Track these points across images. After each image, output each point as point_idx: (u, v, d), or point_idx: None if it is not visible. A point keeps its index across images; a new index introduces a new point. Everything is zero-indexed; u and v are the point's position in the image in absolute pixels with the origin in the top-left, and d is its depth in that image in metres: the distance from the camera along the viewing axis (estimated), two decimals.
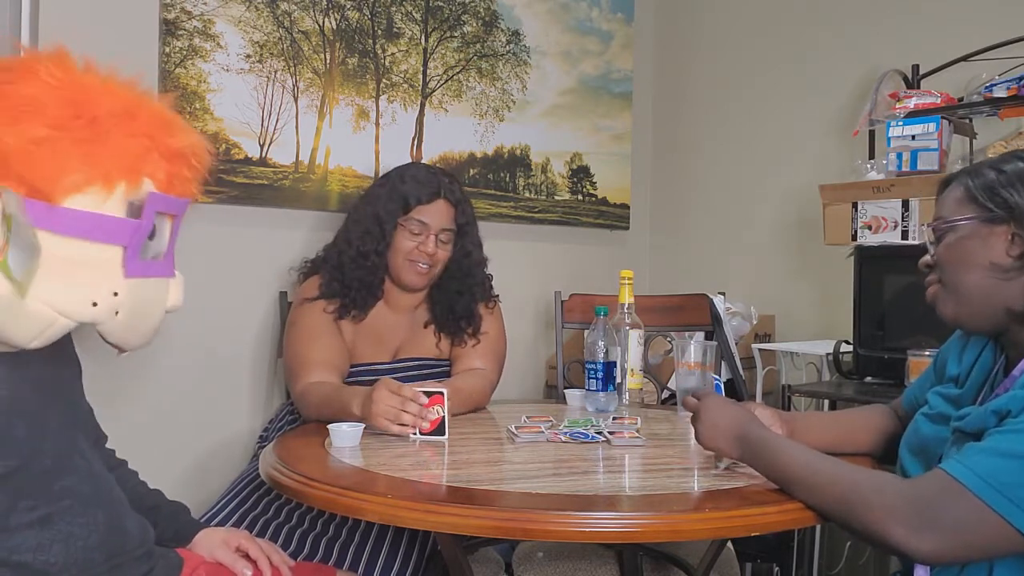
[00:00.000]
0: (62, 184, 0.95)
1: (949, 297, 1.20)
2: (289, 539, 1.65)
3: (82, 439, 1.14)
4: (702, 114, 3.18)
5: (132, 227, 1.00)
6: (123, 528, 1.13)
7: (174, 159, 1.04)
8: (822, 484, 1.12)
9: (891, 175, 2.28)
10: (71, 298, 0.97)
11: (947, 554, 1.02)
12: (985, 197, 1.16)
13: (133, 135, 1.00)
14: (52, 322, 0.96)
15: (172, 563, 1.22)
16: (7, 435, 1.01)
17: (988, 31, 2.32)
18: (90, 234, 0.97)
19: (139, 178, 1.00)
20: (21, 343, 0.97)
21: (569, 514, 1.11)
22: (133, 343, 1.07)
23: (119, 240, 1.00)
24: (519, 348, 2.71)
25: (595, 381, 1.84)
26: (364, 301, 1.95)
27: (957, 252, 1.18)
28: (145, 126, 1.01)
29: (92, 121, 0.97)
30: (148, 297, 1.06)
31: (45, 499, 1.04)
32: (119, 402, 2.00)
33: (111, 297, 0.99)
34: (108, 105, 0.99)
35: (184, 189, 1.07)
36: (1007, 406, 1.06)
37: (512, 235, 2.79)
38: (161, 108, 1.06)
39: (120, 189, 0.99)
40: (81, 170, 0.95)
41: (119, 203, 0.99)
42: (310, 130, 2.30)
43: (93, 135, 0.96)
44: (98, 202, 0.97)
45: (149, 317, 1.08)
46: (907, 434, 1.30)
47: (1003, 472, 1.00)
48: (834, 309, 2.65)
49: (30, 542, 1.01)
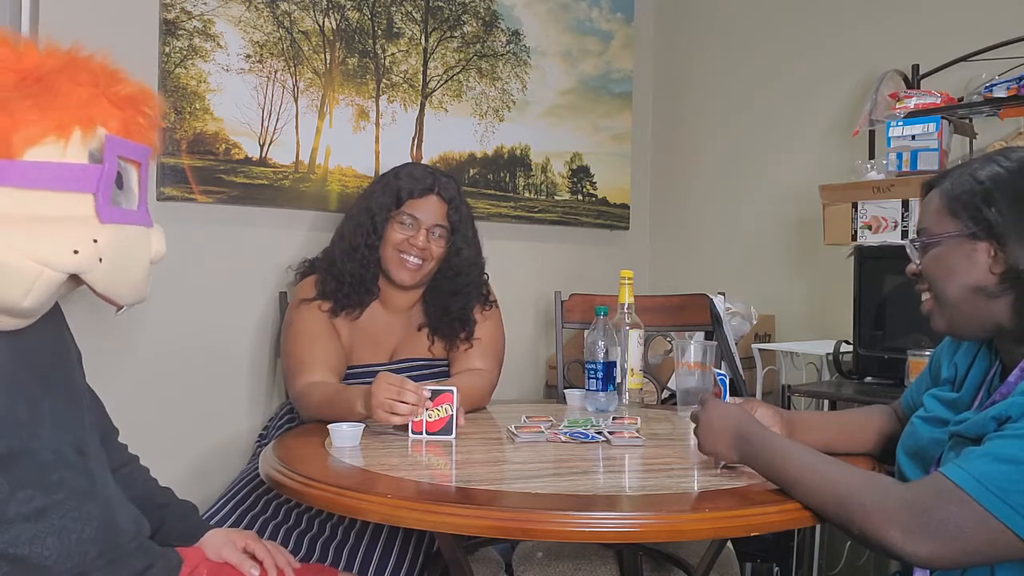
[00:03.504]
0: (18, 137, 0.97)
1: (942, 311, 1.20)
2: (287, 539, 1.65)
3: (80, 432, 1.14)
4: (702, 114, 3.18)
5: (96, 172, 1.02)
6: (116, 523, 1.13)
7: (124, 106, 1.07)
8: (820, 485, 1.12)
9: (891, 175, 2.28)
10: (52, 248, 0.98)
11: (945, 558, 1.02)
12: (964, 213, 1.15)
13: (79, 84, 1.02)
14: (38, 275, 0.98)
15: (172, 562, 1.22)
16: (10, 415, 1.02)
17: (988, 31, 2.32)
18: (55, 184, 1.00)
19: (92, 124, 1.03)
20: (13, 302, 0.98)
21: (569, 514, 1.11)
22: (124, 294, 1.08)
23: (86, 187, 1.02)
24: (519, 348, 2.71)
25: (595, 381, 1.84)
26: (359, 297, 1.95)
27: (942, 268, 1.18)
28: (89, 75, 1.04)
29: (38, 80, 1.00)
30: (129, 244, 1.07)
31: (42, 490, 1.04)
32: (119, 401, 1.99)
33: (91, 244, 1.01)
34: (51, 64, 1.02)
35: (142, 136, 1.09)
36: (1007, 412, 1.06)
37: (512, 235, 2.79)
38: (104, 60, 1.08)
39: (76, 136, 1.01)
40: (34, 121, 0.98)
41: (79, 151, 1.02)
42: (310, 130, 2.30)
43: (41, 89, 1.00)
44: (58, 151, 1.00)
45: (134, 266, 1.09)
46: (903, 437, 1.30)
47: (1002, 477, 1.00)
48: (834, 309, 2.64)
49: (26, 534, 1.02)
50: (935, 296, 1.20)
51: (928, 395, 1.30)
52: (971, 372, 1.25)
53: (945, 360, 1.32)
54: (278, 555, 1.35)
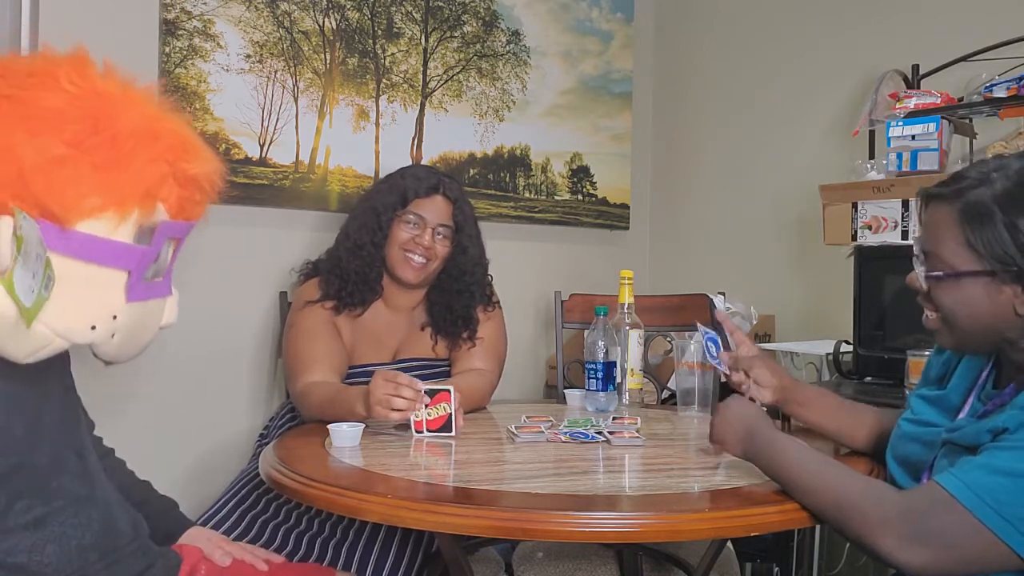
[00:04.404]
0: (77, 209, 0.93)
1: (951, 333, 1.16)
2: (287, 540, 1.65)
3: (78, 435, 1.14)
4: (702, 114, 3.18)
5: (140, 253, 0.99)
6: (116, 526, 1.13)
7: (187, 184, 1.03)
8: (819, 488, 1.12)
9: (891, 175, 2.28)
10: (72, 321, 0.95)
11: (937, 568, 1.02)
12: (988, 252, 1.08)
13: (153, 160, 0.98)
14: (49, 342, 0.95)
15: (171, 562, 1.22)
16: (6, 433, 1.00)
17: (988, 31, 2.32)
18: (98, 258, 0.96)
19: (154, 204, 0.99)
20: (17, 359, 0.96)
21: (569, 514, 1.11)
22: (123, 359, 1.07)
23: (126, 265, 0.99)
24: (519, 348, 2.71)
25: (595, 381, 1.84)
26: (362, 296, 1.95)
27: (959, 301, 1.12)
28: (166, 150, 0.99)
29: (113, 140, 0.94)
30: (145, 318, 1.05)
31: (41, 499, 1.03)
32: (119, 401, 2.00)
33: (110, 320, 0.98)
34: (129, 121, 0.96)
35: (193, 212, 1.06)
36: (1004, 424, 1.05)
37: (512, 235, 2.79)
38: (181, 127, 1.03)
39: (134, 216, 0.97)
40: (98, 195, 0.93)
41: (129, 230, 0.98)
42: (310, 130, 2.30)
43: (113, 158, 0.94)
44: (111, 228, 0.96)
45: (143, 337, 1.07)
46: (892, 440, 1.29)
47: (998, 489, 1.00)
48: (834, 309, 2.64)
49: (25, 543, 1.01)
50: (944, 319, 1.15)
51: (914, 396, 1.30)
52: (958, 370, 1.25)
53: (934, 359, 1.31)
54: (258, 554, 1.37)
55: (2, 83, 0.94)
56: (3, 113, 0.91)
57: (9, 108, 0.92)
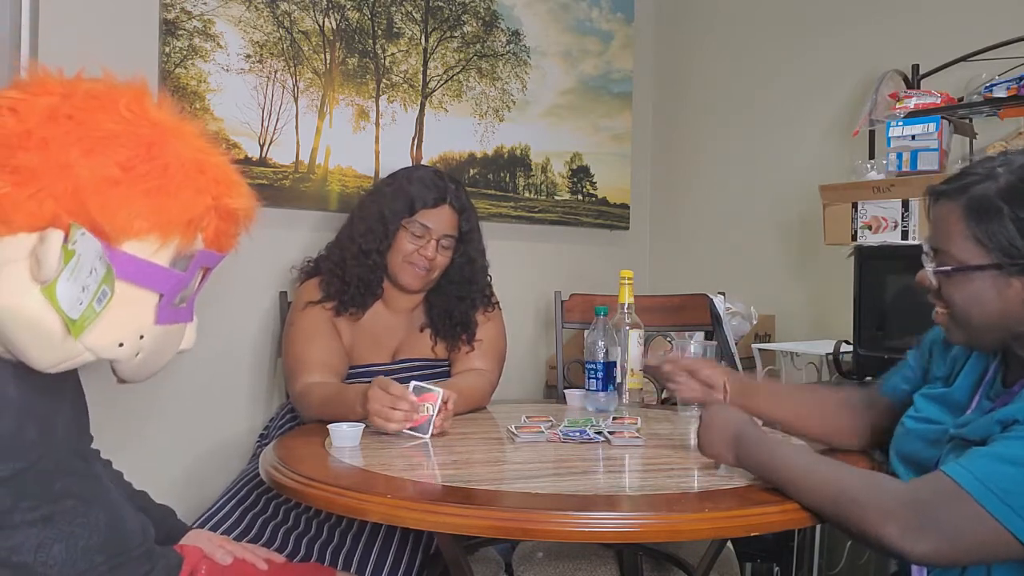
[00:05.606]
0: (126, 230, 0.97)
1: (960, 329, 1.17)
2: (286, 541, 1.65)
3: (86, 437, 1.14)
4: (702, 114, 3.18)
5: (175, 278, 1.03)
6: (124, 528, 1.13)
7: (227, 217, 1.08)
8: (816, 486, 1.12)
9: (891, 175, 2.28)
10: (102, 337, 0.98)
11: (942, 557, 1.01)
12: (994, 245, 1.09)
13: (200, 192, 1.02)
14: (78, 355, 0.98)
15: (171, 562, 1.22)
16: (19, 437, 1.01)
17: (988, 31, 2.32)
18: (137, 279, 1.00)
19: (195, 233, 1.03)
20: (39, 367, 0.98)
21: (569, 514, 1.11)
22: (138, 379, 1.09)
23: (160, 288, 1.02)
24: (519, 348, 2.71)
25: (595, 381, 1.84)
26: (363, 299, 1.95)
27: (968, 295, 1.13)
28: (212, 183, 1.04)
29: (164, 169, 0.99)
30: (167, 341, 1.09)
31: (46, 499, 1.04)
32: (119, 402, 1.99)
33: (137, 340, 1.02)
34: (179, 152, 1.01)
35: (226, 244, 1.11)
36: (1013, 415, 1.06)
37: (512, 235, 2.79)
38: (225, 163, 1.08)
39: (175, 242, 1.01)
40: (146, 219, 0.97)
41: (168, 254, 1.02)
42: (310, 130, 2.30)
43: (163, 186, 0.98)
44: (151, 251, 1.00)
45: (162, 358, 1.11)
46: (896, 439, 1.29)
47: (1004, 478, 0.99)
48: (834, 309, 2.64)
49: (31, 541, 1.01)
50: (953, 315, 1.16)
51: (919, 395, 1.29)
52: (965, 368, 1.25)
53: (939, 357, 1.31)
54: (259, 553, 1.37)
55: (65, 103, 0.97)
56: (63, 131, 0.95)
57: (69, 127, 0.96)
